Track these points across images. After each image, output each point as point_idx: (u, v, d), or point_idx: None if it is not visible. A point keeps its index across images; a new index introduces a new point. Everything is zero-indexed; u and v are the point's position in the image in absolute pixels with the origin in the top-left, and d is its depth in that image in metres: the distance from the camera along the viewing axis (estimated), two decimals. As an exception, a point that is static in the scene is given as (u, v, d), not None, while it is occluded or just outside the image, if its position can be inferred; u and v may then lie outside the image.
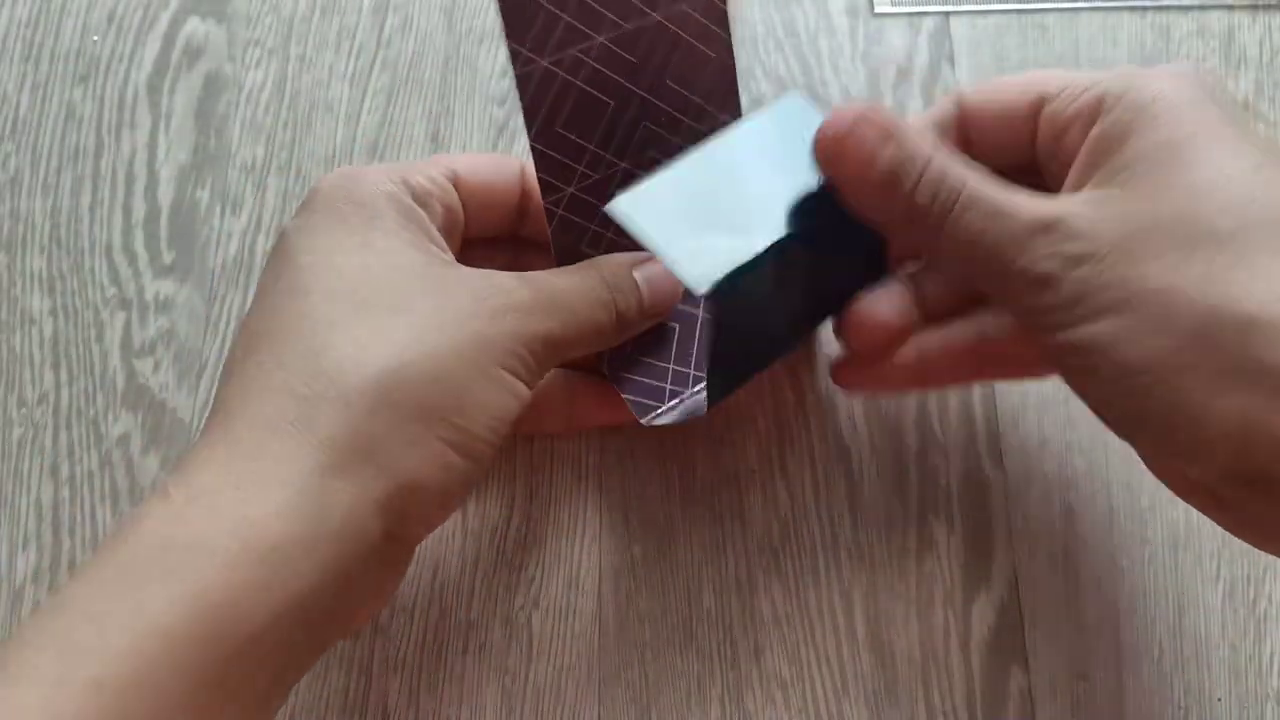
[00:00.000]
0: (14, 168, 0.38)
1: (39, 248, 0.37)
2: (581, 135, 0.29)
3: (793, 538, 0.33)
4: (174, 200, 0.37)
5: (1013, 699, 0.32)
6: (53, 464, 0.34)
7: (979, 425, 0.35)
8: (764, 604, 0.33)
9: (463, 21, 0.40)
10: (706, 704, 0.32)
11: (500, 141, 0.38)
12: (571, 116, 0.29)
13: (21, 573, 0.33)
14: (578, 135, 0.29)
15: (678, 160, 0.29)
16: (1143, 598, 0.33)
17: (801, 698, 0.32)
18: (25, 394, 0.35)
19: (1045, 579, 0.33)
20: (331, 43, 0.40)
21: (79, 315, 0.36)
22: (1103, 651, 0.32)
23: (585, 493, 0.34)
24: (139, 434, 0.34)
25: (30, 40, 0.39)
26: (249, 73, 0.39)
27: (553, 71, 0.28)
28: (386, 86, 0.39)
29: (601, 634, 0.32)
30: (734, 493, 0.34)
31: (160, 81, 0.39)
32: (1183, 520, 0.34)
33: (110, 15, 0.40)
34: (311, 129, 0.38)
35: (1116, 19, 0.41)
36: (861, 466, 0.34)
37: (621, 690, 0.32)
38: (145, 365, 0.35)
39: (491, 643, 0.32)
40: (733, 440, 0.34)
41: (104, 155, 0.38)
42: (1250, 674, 0.32)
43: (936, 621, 0.32)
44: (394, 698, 0.32)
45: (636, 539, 0.33)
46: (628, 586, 0.33)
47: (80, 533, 0.33)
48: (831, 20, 0.40)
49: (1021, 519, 0.34)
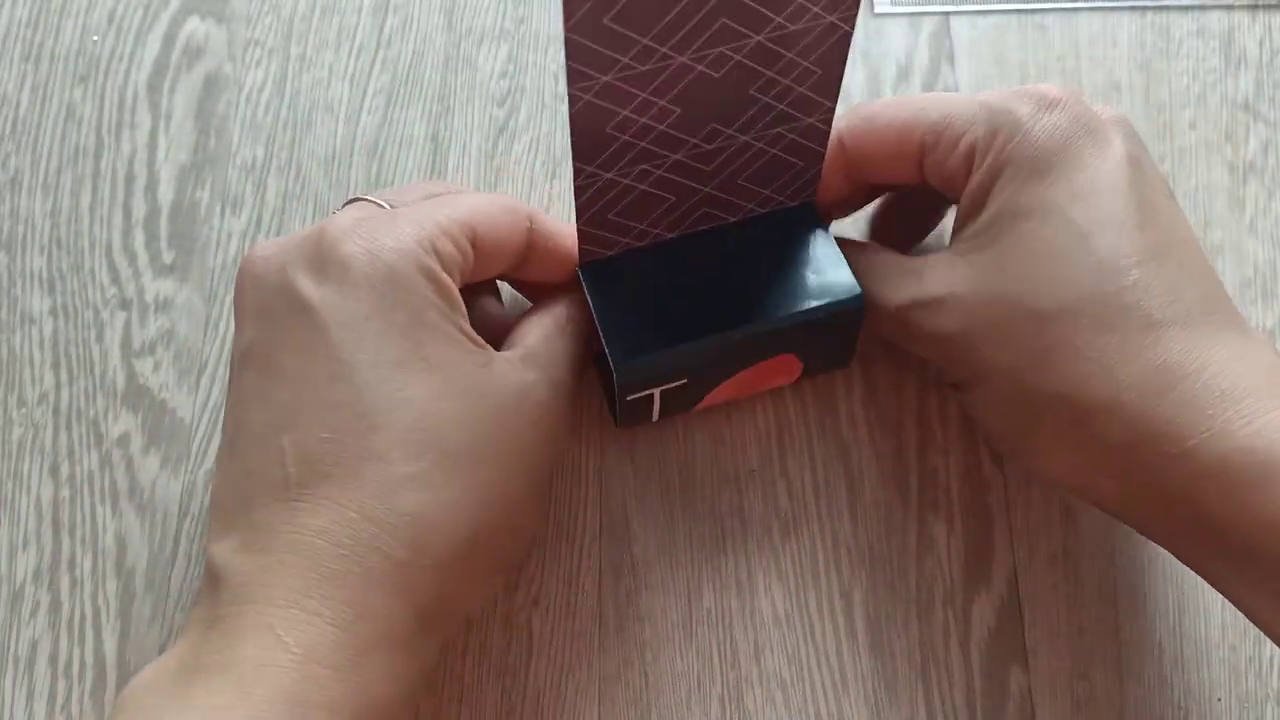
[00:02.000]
0: (14, 168, 0.38)
1: (39, 248, 0.37)
2: (632, 219, 0.30)
3: (793, 538, 0.33)
4: (174, 200, 0.37)
5: (1013, 699, 0.32)
6: (53, 464, 0.34)
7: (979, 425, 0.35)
8: (764, 604, 0.33)
9: (463, 21, 0.40)
10: (706, 704, 0.32)
11: (500, 141, 0.38)
12: (626, 208, 0.29)
13: (21, 573, 0.33)
14: (628, 220, 0.30)
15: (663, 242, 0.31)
16: (1143, 598, 0.33)
17: (801, 698, 0.32)
18: (25, 394, 0.35)
19: (1045, 579, 0.33)
20: (331, 43, 0.40)
21: (79, 315, 0.36)
22: (1103, 651, 0.32)
23: (585, 493, 0.34)
24: (139, 434, 0.34)
25: (30, 40, 0.39)
26: (249, 73, 0.39)
27: (616, 181, 0.28)
28: (386, 86, 0.39)
29: (601, 634, 0.32)
30: (734, 493, 0.34)
31: (160, 81, 0.39)
32: (1183, 520, 0.34)
33: (110, 15, 0.40)
34: (311, 129, 0.38)
35: (1116, 19, 0.41)
36: (861, 466, 0.34)
37: (621, 690, 0.32)
38: (145, 365, 0.35)
39: (491, 643, 0.32)
40: (733, 440, 0.34)
41: (104, 155, 0.38)
42: (1250, 674, 0.32)
43: (936, 621, 0.33)
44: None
45: (636, 539, 0.33)
46: (628, 586, 0.33)
47: (80, 533, 0.33)
48: (831, 20, 0.40)
49: (1021, 519, 0.34)
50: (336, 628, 0.24)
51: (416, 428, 0.26)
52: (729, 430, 0.34)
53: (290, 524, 0.25)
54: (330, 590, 0.24)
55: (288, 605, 0.24)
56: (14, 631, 0.32)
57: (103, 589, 0.33)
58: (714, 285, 0.31)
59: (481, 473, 0.26)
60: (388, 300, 0.26)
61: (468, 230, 0.28)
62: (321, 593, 0.24)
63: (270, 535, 0.25)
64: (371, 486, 0.25)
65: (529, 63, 0.39)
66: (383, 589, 0.25)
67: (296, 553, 0.25)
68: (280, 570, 0.24)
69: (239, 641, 0.24)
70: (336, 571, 0.24)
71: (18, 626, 0.32)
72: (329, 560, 0.24)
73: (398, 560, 0.25)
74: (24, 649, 0.32)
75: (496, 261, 0.30)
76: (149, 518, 0.33)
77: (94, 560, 0.33)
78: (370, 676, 0.24)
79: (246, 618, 0.24)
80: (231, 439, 0.27)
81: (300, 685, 0.23)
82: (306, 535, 0.25)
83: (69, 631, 0.32)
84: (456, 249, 0.28)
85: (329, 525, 0.25)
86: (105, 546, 0.33)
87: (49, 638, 0.32)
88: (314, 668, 0.24)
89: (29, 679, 0.32)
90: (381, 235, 0.27)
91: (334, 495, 0.25)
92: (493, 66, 0.39)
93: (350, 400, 0.26)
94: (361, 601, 0.24)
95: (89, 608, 0.32)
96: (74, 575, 0.33)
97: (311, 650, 0.24)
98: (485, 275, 0.30)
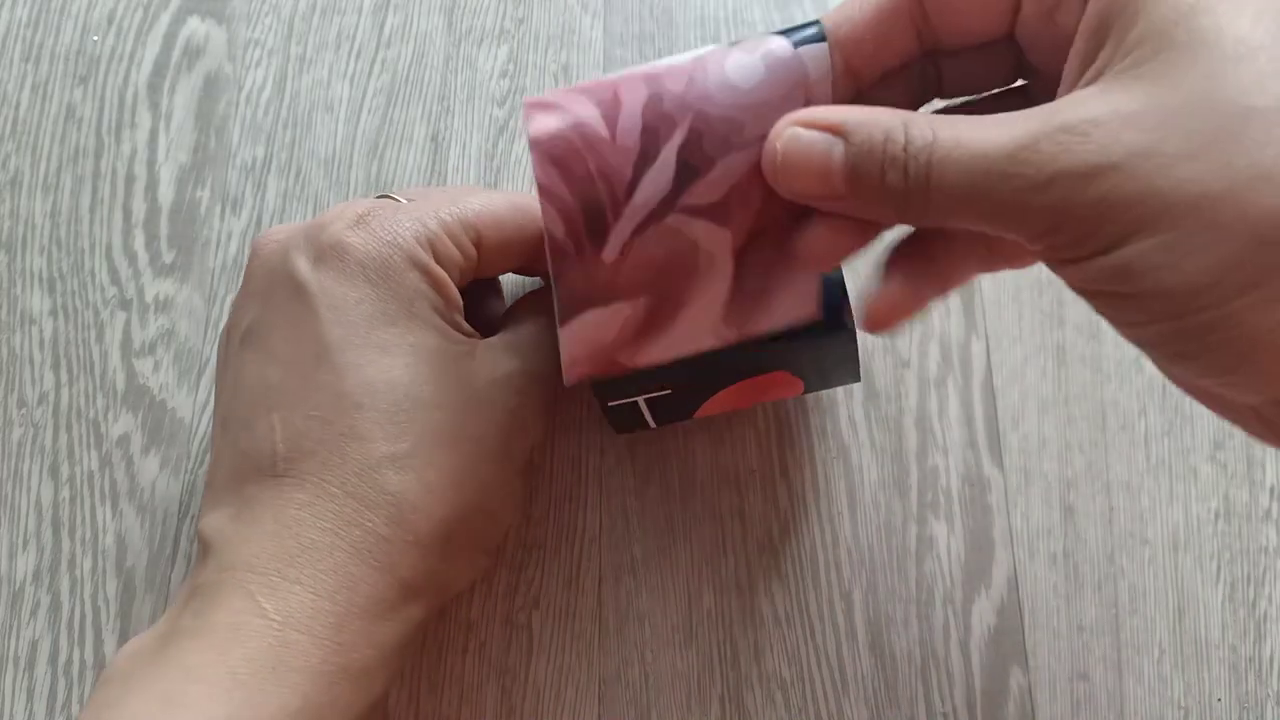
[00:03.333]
0: (14, 168, 0.38)
1: (39, 248, 0.37)
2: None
3: (793, 538, 0.33)
4: (174, 200, 0.37)
5: (1013, 699, 0.32)
6: (53, 464, 0.34)
7: (979, 425, 0.35)
8: (764, 604, 0.33)
9: (463, 21, 0.40)
10: (706, 704, 0.32)
11: (500, 141, 0.38)
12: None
13: (21, 573, 0.33)
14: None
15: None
16: (1143, 598, 0.33)
17: (801, 698, 0.32)
18: (25, 394, 0.35)
19: (1045, 579, 0.33)
20: (331, 43, 0.40)
21: (79, 315, 0.36)
22: (1103, 651, 0.32)
23: (585, 493, 0.34)
24: (139, 434, 0.34)
25: (30, 40, 0.39)
26: (249, 73, 0.39)
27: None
28: (386, 86, 0.39)
29: (601, 634, 0.32)
30: (734, 493, 0.34)
31: (160, 81, 0.39)
32: (1182, 520, 0.34)
33: (110, 15, 0.40)
34: (311, 129, 0.38)
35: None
36: (861, 466, 0.34)
37: (621, 690, 0.32)
38: (145, 365, 0.35)
39: (491, 643, 0.32)
40: (733, 440, 0.34)
41: (104, 155, 0.38)
42: (1250, 674, 0.32)
43: (936, 621, 0.32)
44: (394, 698, 0.32)
45: (636, 539, 0.33)
46: (628, 586, 0.33)
47: (80, 533, 0.33)
48: (831, 20, 0.40)
49: (1021, 519, 0.34)
50: (316, 595, 0.25)
51: (398, 410, 0.27)
52: (729, 430, 0.34)
53: (278, 497, 0.26)
54: (311, 559, 0.25)
55: (267, 573, 0.25)
56: (14, 631, 0.32)
57: (103, 589, 0.33)
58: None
59: (457, 457, 0.27)
60: (379, 289, 0.27)
61: (471, 230, 0.29)
62: (301, 561, 0.25)
63: (259, 507, 0.26)
64: (354, 464, 0.26)
65: (529, 63, 0.39)
66: (364, 561, 0.26)
67: (280, 523, 0.26)
68: (263, 540, 0.25)
69: (218, 606, 0.25)
70: (318, 543, 0.25)
71: (18, 626, 0.32)
72: (311, 532, 0.26)
73: (379, 535, 0.26)
74: (24, 649, 0.32)
75: (505, 259, 0.30)
76: (149, 518, 0.33)
77: (94, 560, 0.33)
78: (348, 642, 0.25)
79: (227, 585, 0.25)
80: (225, 419, 0.28)
81: (277, 649, 0.24)
82: (291, 509, 0.26)
83: (69, 631, 0.32)
84: (457, 247, 0.29)
85: (312, 499, 0.26)
86: (105, 546, 0.33)
87: (49, 638, 0.32)
88: (291, 633, 0.25)
89: (29, 679, 0.32)
90: (381, 228, 0.28)
91: (317, 471, 0.26)
92: (493, 66, 0.39)
93: (335, 380, 0.27)
94: (343, 572, 0.25)
95: (89, 608, 0.32)
96: (74, 575, 0.33)
97: (290, 617, 0.25)
98: (494, 272, 0.31)
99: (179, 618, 0.25)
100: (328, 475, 0.26)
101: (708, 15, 0.40)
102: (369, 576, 0.26)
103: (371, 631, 0.26)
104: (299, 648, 0.25)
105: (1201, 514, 0.34)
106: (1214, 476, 0.34)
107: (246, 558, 0.25)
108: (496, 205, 0.30)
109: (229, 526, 0.26)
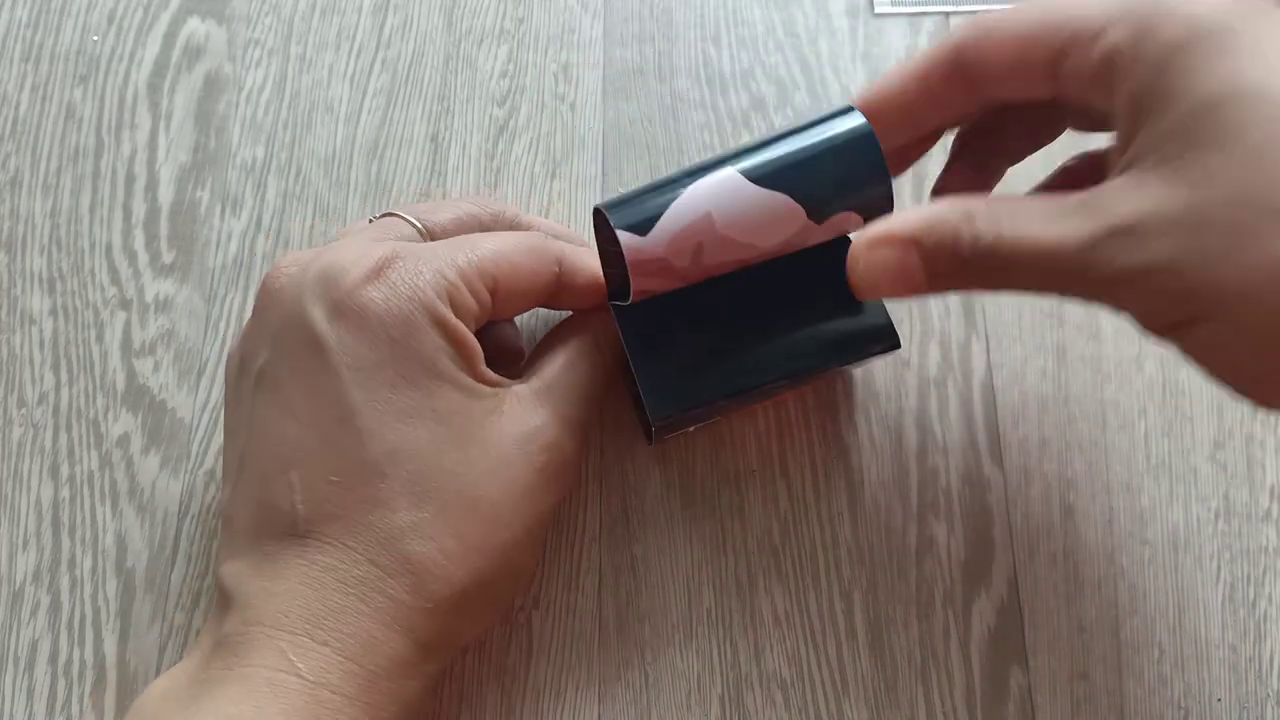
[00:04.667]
0: (14, 168, 0.38)
1: (39, 248, 0.37)
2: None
3: (793, 538, 0.33)
4: (174, 200, 0.37)
5: (1013, 699, 0.32)
6: (53, 464, 0.34)
7: (979, 425, 0.35)
8: (764, 604, 0.33)
9: (463, 21, 0.40)
10: (706, 704, 0.32)
11: (500, 141, 0.38)
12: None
13: (21, 573, 0.33)
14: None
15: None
16: (1143, 598, 0.33)
17: (801, 698, 0.32)
18: (25, 394, 0.35)
19: (1045, 579, 0.33)
20: (331, 43, 0.40)
21: (79, 315, 0.36)
22: (1103, 651, 0.32)
23: (585, 493, 0.34)
24: (139, 434, 0.34)
25: (30, 40, 0.39)
26: (249, 73, 0.39)
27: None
28: (386, 86, 0.39)
29: (601, 634, 0.32)
30: (734, 493, 0.34)
31: (160, 81, 0.39)
32: (1183, 521, 0.34)
33: (110, 15, 0.40)
34: (311, 129, 0.38)
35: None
36: (861, 466, 0.34)
37: (621, 690, 0.32)
38: (145, 365, 0.35)
39: (491, 643, 0.32)
40: (733, 440, 0.34)
41: (104, 155, 0.38)
42: (1250, 674, 0.32)
43: (936, 621, 0.32)
44: (394, 698, 0.32)
45: (636, 539, 0.33)
46: (628, 586, 0.33)
47: (80, 533, 0.33)
48: (831, 20, 0.40)
49: (1021, 519, 0.34)
50: (345, 658, 0.25)
51: (420, 478, 0.27)
52: (729, 430, 0.34)
53: (301, 558, 0.26)
54: (337, 623, 0.26)
55: (297, 633, 0.25)
56: (14, 631, 0.32)
57: (103, 589, 0.33)
58: (750, 320, 0.31)
59: (479, 524, 0.27)
60: (400, 349, 0.27)
61: (488, 279, 0.29)
62: (329, 624, 0.26)
63: (281, 565, 0.26)
64: (376, 532, 0.26)
65: (529, 63, 0.39)
66: (387, 625, 0.26)
67: (306, 584, 0.26)
68: (290, 599, 0.26)
69: (249, 661, 0.25)
70: (344, 606, 0.26)
71: (18, 626, 0.32)
72: (336, 595, 0.26)
73: (400, 601, 0.26)
74: (24, 649, 0.32)
75: (519, 303, 0.30)
76: (149, 518, 0.33)
77: (94, 560, 0.33)
78: (376, 701, 0.26)
79: (257, 640, 0.25)
80: (242, 457, 0.28)
81: (314, 708, 0.25)
82: (315, 570, 0.26)
83: (69, 631, 0.32)
84: (474, 297, 0.28)
85: (336, 564, 0.26)
86: (105, 546, 0.33)
87: (49, 638, 0.32)
88: (325, 693, 0.25)
89: (29, 679, 0.32)
90: (401, 282, 0.27)
91: (340, 536, 0.26)
92: (493, 66, 0.39)
93: (357, 446, 0.27)
94: (367, 635, 0.26)
95: (89, 608, 0.32)
96: (74, 575, 0.33)
97: (323, 678, 0.25)
98: (508, 315, 0.31)
99: (208, 666, 0.26)
100: (350, 541, 0.26)
101: (708, 15, 0.40)
102: (391, 639, 0.26)
103: (396, 690, 0.26)
104: (332, 706, 0.25)
105: (1201, 514, 0.34)
106: (1214, 476, 0.34)
107: (274, 615, 0.26)
108: (509, 250, 0.29)
109: (252, 581, 0.26)
